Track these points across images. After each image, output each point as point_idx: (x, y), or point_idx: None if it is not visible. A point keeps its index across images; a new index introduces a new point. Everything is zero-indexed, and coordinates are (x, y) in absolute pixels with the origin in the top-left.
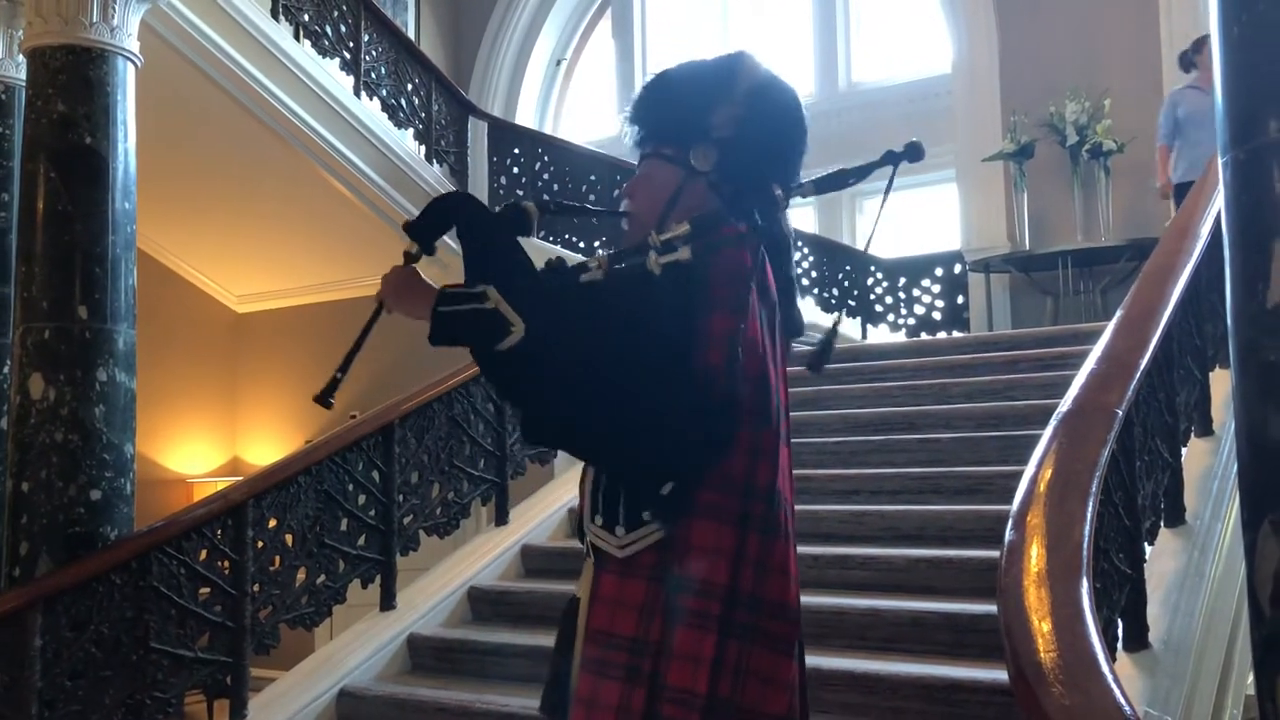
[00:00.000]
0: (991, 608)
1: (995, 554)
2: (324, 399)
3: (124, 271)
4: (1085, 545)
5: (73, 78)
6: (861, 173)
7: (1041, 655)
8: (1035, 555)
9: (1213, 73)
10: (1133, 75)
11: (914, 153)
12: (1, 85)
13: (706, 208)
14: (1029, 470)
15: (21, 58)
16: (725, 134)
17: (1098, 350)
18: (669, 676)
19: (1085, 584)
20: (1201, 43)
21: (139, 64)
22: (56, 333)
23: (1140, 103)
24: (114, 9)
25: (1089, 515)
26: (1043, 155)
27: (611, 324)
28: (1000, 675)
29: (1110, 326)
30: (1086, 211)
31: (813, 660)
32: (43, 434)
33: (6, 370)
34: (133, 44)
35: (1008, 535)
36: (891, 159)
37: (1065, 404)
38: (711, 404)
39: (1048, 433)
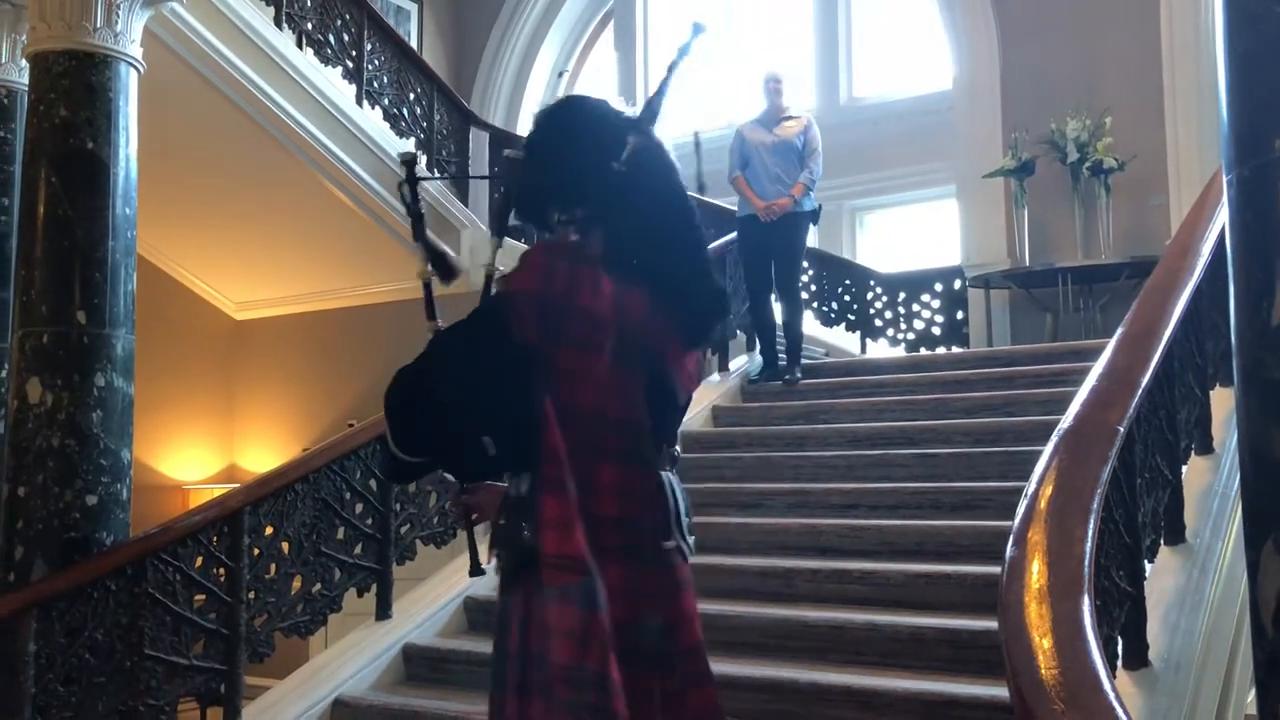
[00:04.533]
0: (990, 623)
1: (994, 570)
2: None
3: (123, 277)
4: (1087, 562)
5: (75, 83)
6: (671, 68)
7: (1043, 673)
8: (1036, 572)
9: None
10: (1134, 93)
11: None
12: (4, 89)
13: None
14: (1030, 486)
15: (24, 62)
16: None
17: (1099, 367)
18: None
19: (1087, 601)
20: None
21: (142, 70)
22: (55, 337)
23: (1141, 120)
24: (118, 15)
25: (1090, 532)
26: (1043, 172)
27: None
28: (999, 691)
29: (1112, 343)
30: (1086, 228)
31: (811, 675)
32: (40, 439)
33: (5, 374)
34: (136, 50)
35: (1009, 552)
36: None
37: (1066, 420)
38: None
39: (1049, 449)
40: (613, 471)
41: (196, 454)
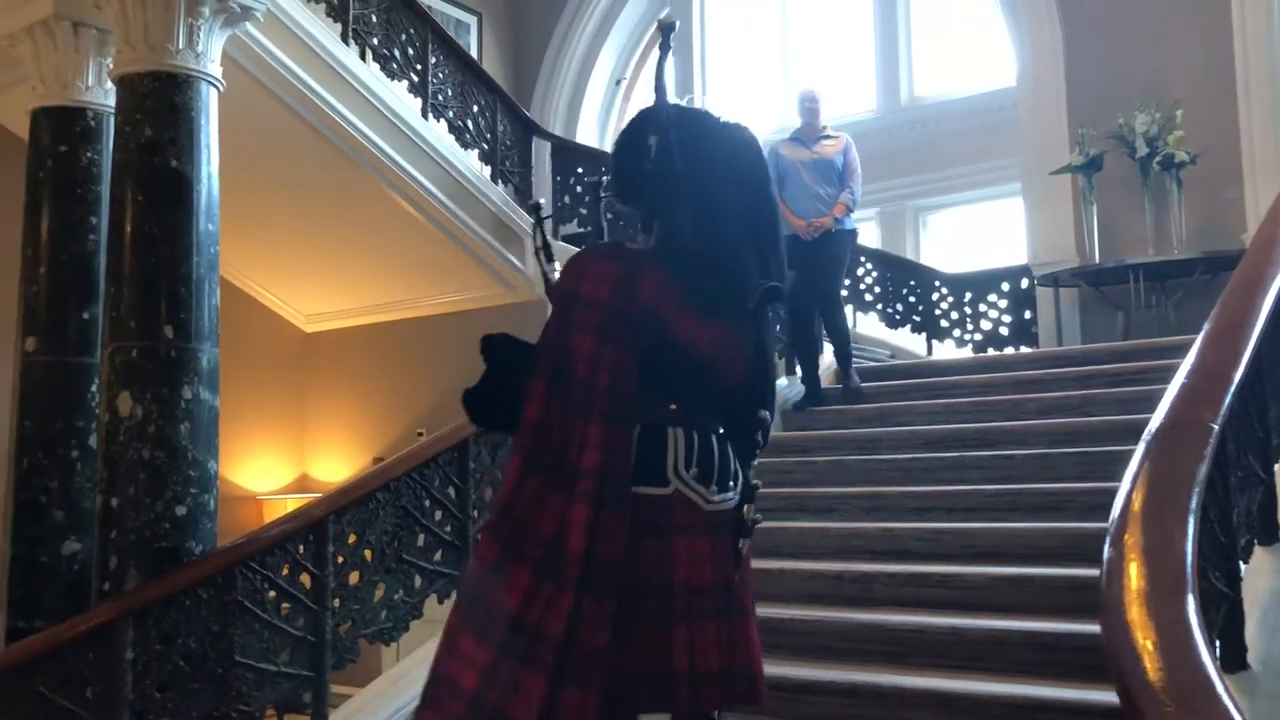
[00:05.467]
0: (1076, 626)
1: (1078, 572)
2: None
3: (207, 292)
4: (1189, 562)
5: (159, 103)
6: (659, 73)
7: (1149, 674)
8: (1135, 574)
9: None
10: (1204, 84)
11: (667, 30)
12: (91, 112)
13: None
14: (1123, 487)
15: (110, 85)
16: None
17: (1188, 364)
18: None
19: (1192, 601)
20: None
21: (221, 88)
22: (144, 352)
23: (1213, 113)
24: (199, 36)
25: (1190, 532)
26: (1111, 167)
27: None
28: (1088, 695)
29: (1199, 340)
30: (1157, 224)
31: (892, 679)
32: (131, 451)
33: (96, 388)
34: (216, 69)
35: (1106, 553)
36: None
37: (1157, 419)
38: None
39: (1140, 449)
40: (597, 430)
41: (270, 464)
